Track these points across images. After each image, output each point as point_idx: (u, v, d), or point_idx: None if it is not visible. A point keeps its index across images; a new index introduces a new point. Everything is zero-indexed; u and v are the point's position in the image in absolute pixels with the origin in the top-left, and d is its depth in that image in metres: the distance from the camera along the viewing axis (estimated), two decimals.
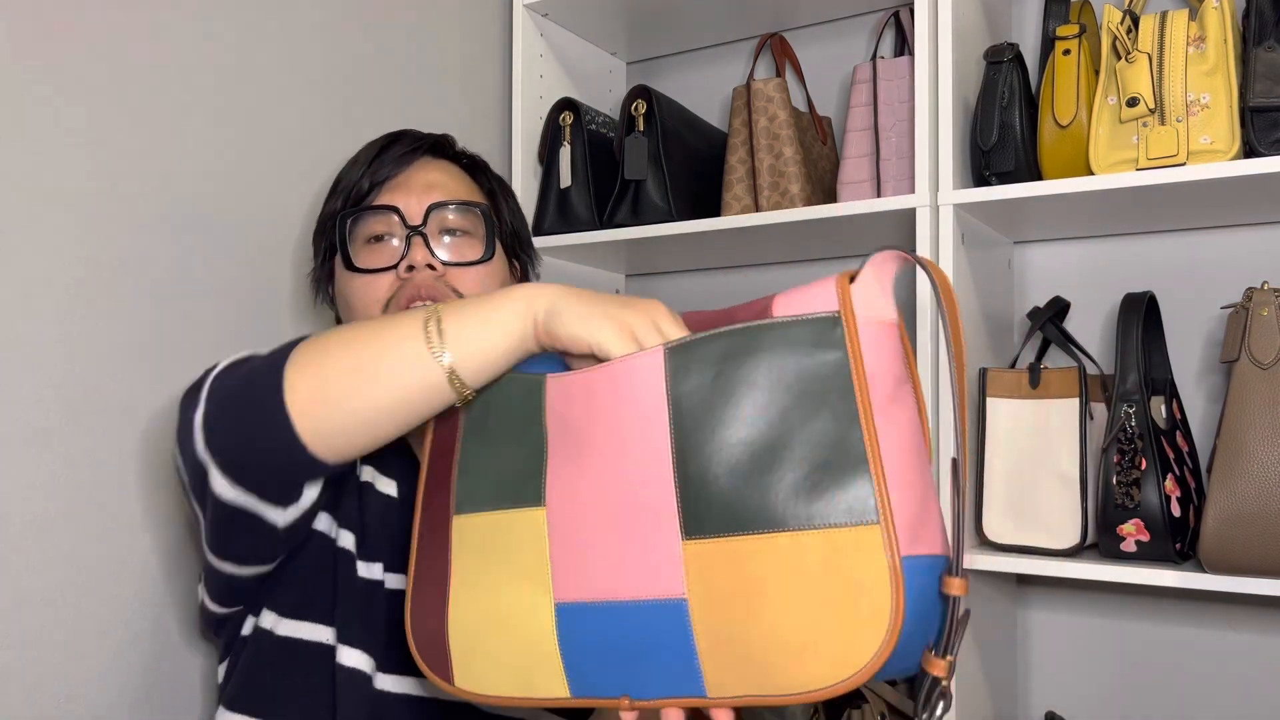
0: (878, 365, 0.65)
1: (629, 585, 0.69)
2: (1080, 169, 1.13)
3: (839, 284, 0.66)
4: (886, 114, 1.28)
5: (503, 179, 1.10)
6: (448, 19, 1.43)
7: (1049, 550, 1.11)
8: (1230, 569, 0.98)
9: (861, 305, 0.66)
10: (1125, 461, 1.06)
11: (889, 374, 0.66)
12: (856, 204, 1.22)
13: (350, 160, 1.03)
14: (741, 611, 0.64)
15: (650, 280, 1.71)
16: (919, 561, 0.63)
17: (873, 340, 0.66)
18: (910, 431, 0.66)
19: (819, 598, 0.62)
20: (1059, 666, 1.35)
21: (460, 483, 0.79)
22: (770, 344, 0.67)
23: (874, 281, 0.67)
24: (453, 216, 0.99)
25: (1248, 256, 1.26)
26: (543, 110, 1.51)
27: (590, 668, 0.71)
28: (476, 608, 0.76)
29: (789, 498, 0.64)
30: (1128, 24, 1.10)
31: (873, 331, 0.66)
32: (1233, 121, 1.04)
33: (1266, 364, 0.99)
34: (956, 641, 0.65)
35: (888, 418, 0.65)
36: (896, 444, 0.65)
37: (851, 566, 0.61)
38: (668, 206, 1.34)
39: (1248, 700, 1.24)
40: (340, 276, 1.00)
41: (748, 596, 0.64)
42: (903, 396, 0.67)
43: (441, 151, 1.05)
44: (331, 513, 0.92)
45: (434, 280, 0.96)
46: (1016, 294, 1.40)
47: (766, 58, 1.62)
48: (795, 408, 0.65)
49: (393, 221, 0.97)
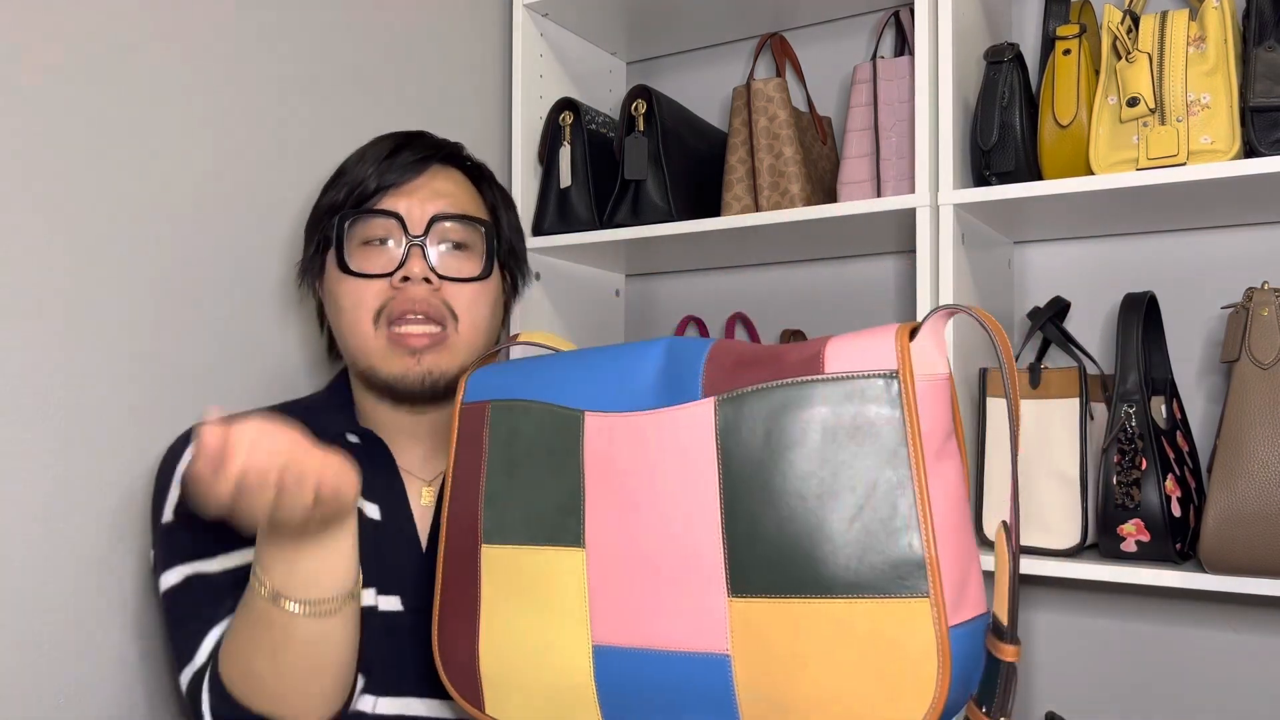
0: (930, 422, 0.65)
1: (671, 636, 0.69)
2: (1080, 169, 1.13)
3: (899, 339, 0.65)
4: (886, 114, 1.28)
5: (506, 191, 1.09)
6: (448, 19, 1.43)
7: (1049, 550, 1.11)
8: (1230, 569, 0.98)
9: (917, 364, 0.66)
10: (1125, 461, 1.06)
11: (939, 430, 0.66)
12: (856, 204, 1.22)
13: (358, 153, 1.01)
14: (786, 673, 0.64)
15: (650, 280, 1.71)
16: (964, 628, 0.63)
17: (927, 397, 0.65)
18: (956, 485, 0.67)
19: (865, 665, 0.62)
20: (1059, 666, 1.35)
21: (488, 512, 0.79)
22: (824, 399, 0.66)
23: (930, 337, 0.66)
24: (455, 229, 0.98)
25: (1248, 256, 1.26)
26: (543, 110, 1.51)
27: (626, 710, 0.72)
28: (510, 639, 0.77)
29: (839, 559, 0.63)
30: (1128, 24, 1.10)
31: (927, 388, 0.66)
32: (1233, 121, 1.04)
33: (1266, 364, 0.99)
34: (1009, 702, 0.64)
35: (935, 474, 0.65)
36: (943, 501, 0.65)
37: (899, 637, 0.61)
38: (668, 206, 1.34)
39: (1248, 700, 1.24)
40: (331, 275, 0.98)
41: (793, 658, 0.64)
42: (950, 450, 0.67)
43: (452, 160, 1.04)
44: None
45: (429, 294, 0.94)
46: (1016, 294, 1.40)
47: (766, 58, 1.62)
48: (848, 466, 0.64)
49: (393, 227, 0.96)
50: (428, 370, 0.94)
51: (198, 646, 0.85)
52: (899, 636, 0.61)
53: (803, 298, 1.57)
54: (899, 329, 0.65)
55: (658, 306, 1.70)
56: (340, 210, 0.97)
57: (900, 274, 1.49)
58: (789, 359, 0.68)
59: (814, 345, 0.68)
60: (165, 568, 0.88)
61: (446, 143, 1.04)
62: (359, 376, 0.99)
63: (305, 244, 1.03)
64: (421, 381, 0.94)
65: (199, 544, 0.87)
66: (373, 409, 1.00)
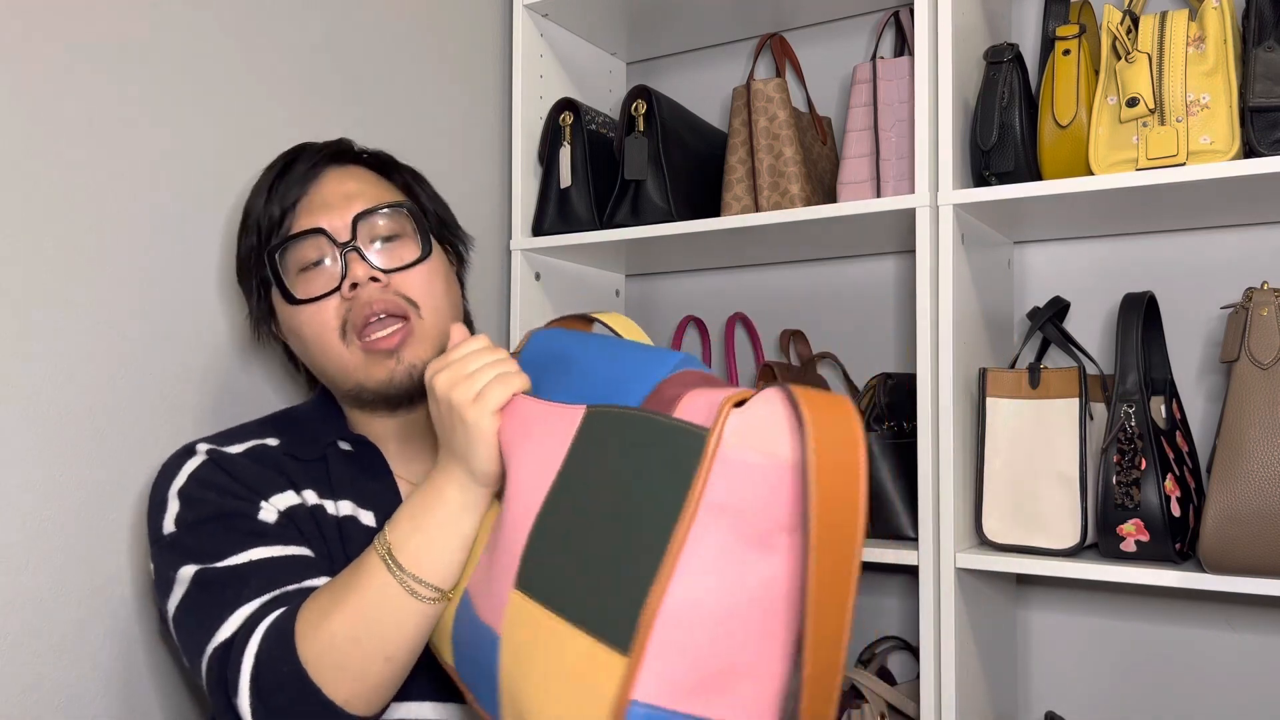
0: (746, 501, 0.58)
1: (480, 600, 0.76)
2: (1080, 169, 1.13)
3: (723, 404, 0.59)
4: (886, 114, 1.28)
5: (412, 168, 1.06)
6: (448, 19, 1.43)
7: (1049, 550, 1.11)
8: (1230, 569, 0.98)
9: (749, 434, 0.58)
10: (1125, 461, 1.06)
11: (763, 515, 0.58)
12: (856, 204, 1.22)
13: (254, 188, 0.98)
14: (522, 673, 0.68)
15: (650, 280, 1.71)
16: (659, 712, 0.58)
17: (749, 473, 0.58)
18: (759, 585, 0.58)
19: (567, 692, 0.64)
20: (1059, 666, 1.35)
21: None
22: (653, 440, 0.63)
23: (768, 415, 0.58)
24: (380, 222, 0.96)
25: (1248, 256, 1.26)
26: (543, 110, 1.51)
27: (460, 652, 0.79)
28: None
29: (587, 588, 0.64)
30: (1127, 24, 1.10)
31: (754, 464, 0.58)
32: (1232, 121, 1.04)
33: (1266, 364, 0.99)
34: None
35: (733, 560, 0.58)
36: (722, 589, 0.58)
37: (597, 680, 0.61)
38: (668, 206, 1.34)
39: (1248, 700, 1.24)
40: (283, 311, 0.96)
41: (529, 661, 0.68)
42: (778, 547, 0.58)
43: (345, 158, 1.00)
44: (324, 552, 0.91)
45: (382, 293, 0.93)
46: (1016, 294, 1.40)
47: (766, 58, 1.62)
48: (637, 504, 0.62)
49: (322, 243, 0.93)
50: (410, 365, 0.93)
51: (221, 624, 0.82)
52: (597, 682, 0.61)
53: (803, 298, 1.57)
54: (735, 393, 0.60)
55: (658, 307, 1.70)
56: (261, 250, 0.96)
57: (900, 274, 1.49)
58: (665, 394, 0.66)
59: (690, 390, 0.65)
60: (173, 570, 0.86)
61: (331, 143, 1.01)
62: (347, 397, 0.98)
63: (246, 296, 1.01)
64: (409, 377, 0.94)
65: (206, 548, 0.86)
66: (358, 418, 1.00)
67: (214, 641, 0.82)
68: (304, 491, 0.92)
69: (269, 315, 1.00)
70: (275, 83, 1.18)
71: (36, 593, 0.94)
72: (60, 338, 0.97)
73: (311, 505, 0.92)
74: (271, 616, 0.81)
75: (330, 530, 0.92)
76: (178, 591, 0.86)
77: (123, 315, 1.02)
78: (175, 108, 1.07)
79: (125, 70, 1.03)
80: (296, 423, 0.99)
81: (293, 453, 0.95)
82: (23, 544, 0.93)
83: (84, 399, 0.99)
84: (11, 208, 0.93)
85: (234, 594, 0.83)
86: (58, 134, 0.97)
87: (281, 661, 0.78)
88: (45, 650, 0.95)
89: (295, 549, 0.88)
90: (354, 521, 0.93)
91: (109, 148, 1.01)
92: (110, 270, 1.01)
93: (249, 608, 0.82)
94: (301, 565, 0.86)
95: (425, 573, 0.80)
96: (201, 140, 1.10)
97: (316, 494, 0.93)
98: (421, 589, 0.79)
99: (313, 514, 0.92)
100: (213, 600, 0.83)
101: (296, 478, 0.93)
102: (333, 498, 0.94)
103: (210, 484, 0.89)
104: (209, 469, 0.91)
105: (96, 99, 1.00)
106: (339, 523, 0.92)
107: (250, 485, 0.90)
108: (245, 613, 0.82)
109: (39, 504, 0.95)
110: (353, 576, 0.80)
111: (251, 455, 0.93)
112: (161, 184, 1.06)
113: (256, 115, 1.16)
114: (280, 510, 0.90)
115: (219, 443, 0.94)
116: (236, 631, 0.81)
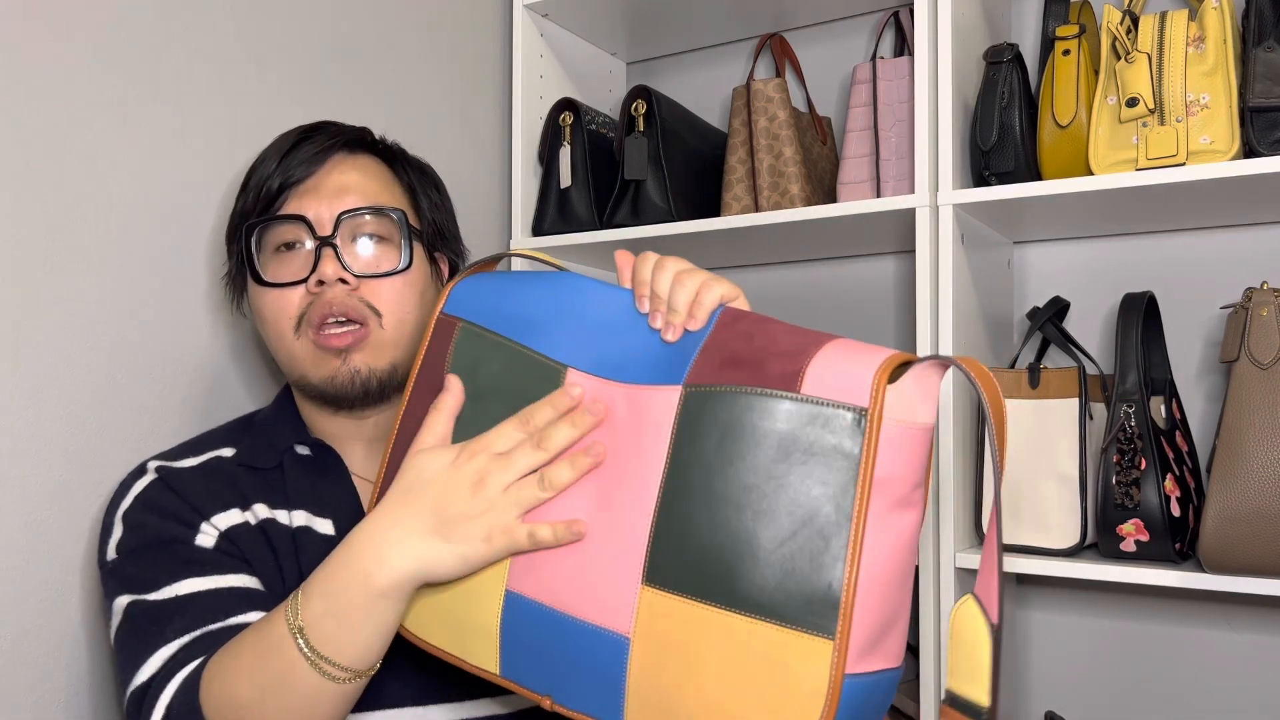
0: (896, 469, 0.63)
1: (580, 603, 0.70)
2: (1080, 169, 1.13)
3: (877, 379, 0.63)
4: (886, 114, 1.28)
5: (425, 167, 1.03)
6: (448, 19, 1.43)
7: (1049, 550, 1.11)
8: (1230, 569, 0.98)
9: (896, 406, 0.63)
10: (1125, 461, 1.06)
11: (907, 479, 0.64)
12: (856, 204, 1.22)
13: (263, 153, 0.96)
14: (677, 673, 0.65)
15: None
16: (863, 679, 0.62)
17: (898, 443, 0.63)
18: (907, 538, 0.64)
19: (753, 687, 0.62)
20: (1059, 666, 1.35)
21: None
22: (788, 417, 0.64)
23: (917, 382, 0.64)
24: (368, 222, 0.93)
25: (1248, 256, 1.26)
26: (543, 110, 1.51)
27: (523, 658, 0.73)
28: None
29: (758, 578, 0.63)
30: (1127, 24, 1.10)
31: (901, 433, 0.63)
32: (1232, 121, 1.04)
33: (1266, 364, 0.99)
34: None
35: (888, 524, 0.63)
36: (887, 552, 0.63)
37: (795, 669, 0.61)
38: (668, 206, 1.35)
39: (1248, 700, 1.24)
40: (251, 288, 0.95)
41: (687, 661, 0.65)
42: (914, 501, 0.65)
43: (359, 146, 0.98)
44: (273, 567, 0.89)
45: (345, 296, 0.90)
46: (1016, 294, 1.40)
47: (766, 58, 1.62)
48: (793, 489, 0.63)
49: (301, 231, 0.92)
50: (355, 369, 0.91)
51: (140, 665, 0.81)
52: (795, 668, 0.61)
53: (803, 298, 1.57)
54: (884, 364, 0.63)
55: None
56: (250, 217, 0.94)
57: (900, 274, 1.49)
58: (771, 369, 0.67)
59: (800, 358, 0.66)
60: (111, 599, 0.86)
61: (351, 128, 0.98)
62: (295, 387, 0.96)
63: (228, 257, 0.99)
64: (352, 381, 0.91)
65: (143, 577, 0.85)
66: (316, 418, 0.98)
67: (134, 683, 0.81)
68: (254, 506, 0.90)
69: (243, 286, 0.98)
70: (275, 83, 1.18)
71: (37, 593, 0.94)
72: (59, 338, 0.97)
73: (261, 520, 0.90)
74: (188, 668, 0.79)
75: (283, 543, 0.90)
76: (114, 622, 0.85)
77: (122, 315, 1.02)
78: (169, 108, 1.08)
79: (125, 70, 1.03)
80: (254, 428, 0.97)
81: (249, 462, 0.93)
82: (23, 544, 0.94)
83: (84, 399, 0.99)
84: (10, 208, 0.93)
85: (157, 632, 0.82)
86: (58, 134, 0.97)
87: (190, 716, 0.77)
88: (45, 650, 0.95)
89: (230, 579, 0.85)
90: (308, 532, 0.91)
91: (109, 146, 1.01)
92: (110, 270, 1.01)
93: (168, 650, 0.81)
94: (233, 599, 0.84)
95: (342, 658, 0.75)
96: (201, 140, 1.10)
97: (269, 506, 0.91)
98: (337, 671, 0.76)
99: (262, 530, 0.89)
100: (138, 638, 0.83)
101: (249, 490, 0.91)
102: (287, 507, 0.91)
103: (153, 506, 0.88)
104: (155, 489, 0.89)
105: (97, 98, 1.00)
106: (293, 534, 0.90)
107: (194, 504, 0.88)
108: (164, 655, 0.81)
109: (39, 504, 0.95)
110: (262, 641, 0.77)
111: (204, 469, 0.92)
112: (161, 183, 1.06)
113: (256, 116, 1.16)
114: (221, 531, 0.88)
115: (175, 456, 0.93)
116: (154, 676, 0.80)
